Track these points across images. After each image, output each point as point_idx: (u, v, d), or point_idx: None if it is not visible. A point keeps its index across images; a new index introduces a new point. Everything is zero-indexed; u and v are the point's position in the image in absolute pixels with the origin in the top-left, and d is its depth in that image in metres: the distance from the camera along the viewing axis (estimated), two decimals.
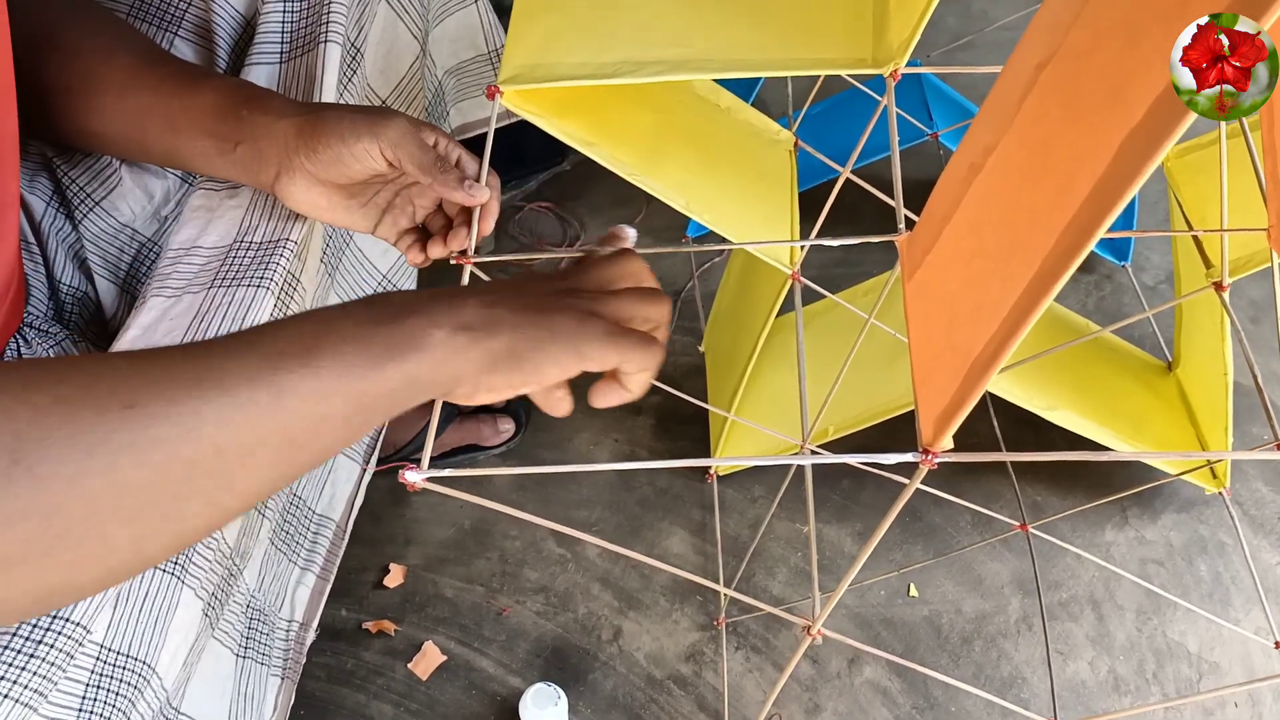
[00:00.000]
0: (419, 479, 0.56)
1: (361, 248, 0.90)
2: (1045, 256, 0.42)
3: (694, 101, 0.94)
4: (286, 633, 0.86)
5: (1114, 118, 0.39)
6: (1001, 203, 0.49)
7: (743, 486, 1.22)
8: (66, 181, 0.86)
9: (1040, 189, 0.45)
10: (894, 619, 1.12)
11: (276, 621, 0.84)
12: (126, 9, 0.86)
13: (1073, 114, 0.44)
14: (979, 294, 0.50)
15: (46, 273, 0.86)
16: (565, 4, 0.78)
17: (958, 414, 0.48)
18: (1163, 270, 1.41)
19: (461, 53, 1.02)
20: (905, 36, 0.67)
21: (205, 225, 0.78)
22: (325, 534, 0.91)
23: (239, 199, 0.79)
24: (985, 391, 0.49)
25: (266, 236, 0.76)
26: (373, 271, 0.92)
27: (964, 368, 0.48)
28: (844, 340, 1.11)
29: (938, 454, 0.50)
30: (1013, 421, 1.15)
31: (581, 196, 1.48)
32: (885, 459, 0.53)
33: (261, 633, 0.81)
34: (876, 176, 0.93)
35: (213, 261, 0.76)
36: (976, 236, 0.52)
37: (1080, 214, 0.40)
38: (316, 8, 0.82)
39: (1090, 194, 0.39)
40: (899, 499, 0.54)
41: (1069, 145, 0.43)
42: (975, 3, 1.76)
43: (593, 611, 1.13)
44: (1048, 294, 0.42)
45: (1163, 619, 1.12)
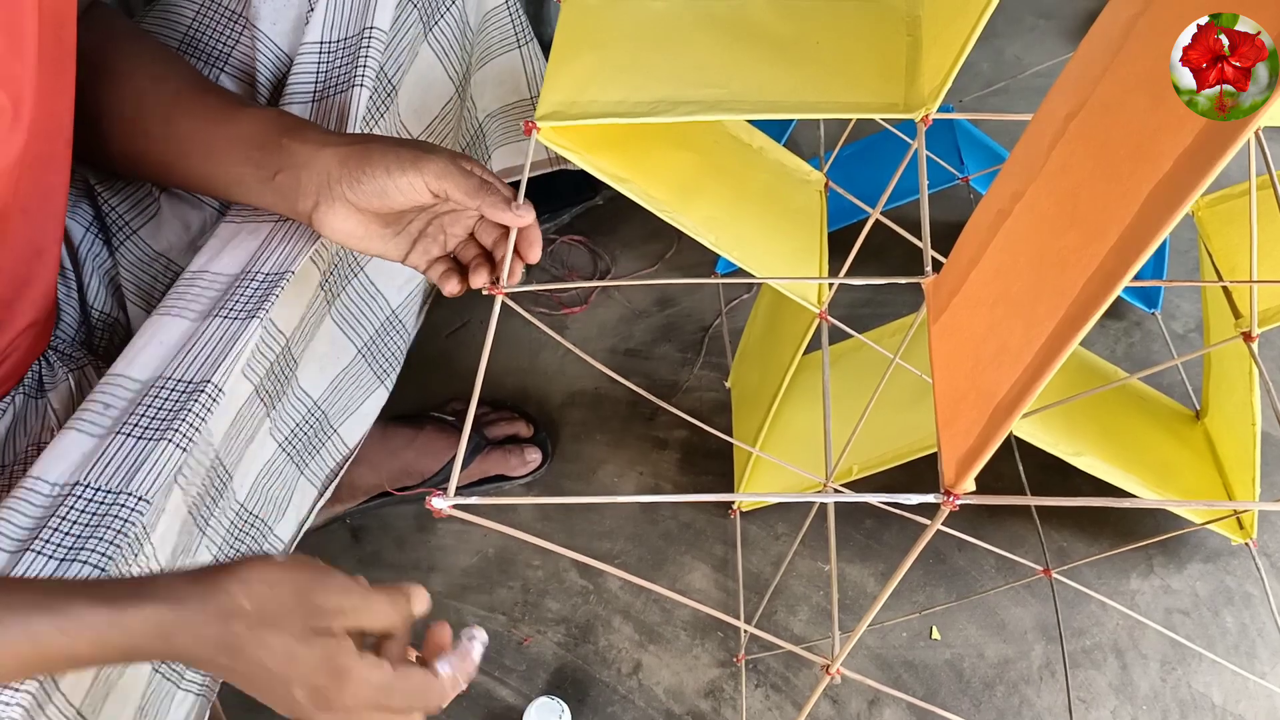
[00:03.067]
0: (445, 505, 0.57)
1: (373, 279, 0.91)
2: (1071, 303, 0.43)
3: (727, 141, 0.95)
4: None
5: (1141, 169, 0.40)
6: (1028, 249, 0.50)
7: (766, 523, 1.22)
8: (107, 209, 0.88)
9: (1067, 236, 0.46)
10: (915, 661, 1.12)
11: (269, 537, 0.86)
12: (176, 44, 0.88)
13: (1101, 164, 0.44)
14: (1004, 338, 0.50)
15: (80, 298, 0.87)
16: (603, 43, 0.80)
17: (980, 456, 0.49)
18: (1193, 318, 1.41)
19: (505, 97, 1.04)
20: (937, 83, 0.68)
21: (219, 251, 0.80)
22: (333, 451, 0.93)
23: (258, 232, 0.81)
24: (1010, 435, 0.49)
25: (274, 268, 0.78)
26: (382, 306, 0.93)
27: (988, 411, 0.49)
28: (870, 380, 1.11)
29: (960, 496, 0.50)
30: (1039, 466, 1.14)
31: (614, 231, 1.50)
32: (907, 499, 0.54)
33: (250, 538, 0.83)
34: (906, 218, 0.93)
35: (213, 289, 0.78)
36: (1003, 281, 0.52)
37: (1106, 262, 0.40)
38: (352, 51, 0.84)
39: (1116, 243, 0.40)
40: (920, 539, 0.54)
41: (1096, 195, 0.44)
42: (1009, 49, 1.77)
43: (613, 644, 1.13)
44: (1072, 340, 0.42)
45: (1187, 670, 1.11)
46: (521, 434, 1.26)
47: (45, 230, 0.77)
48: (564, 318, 1.42)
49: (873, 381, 1.02)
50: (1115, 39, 0.44)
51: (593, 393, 1.34)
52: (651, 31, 0.80)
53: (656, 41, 0.79)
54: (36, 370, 0.81)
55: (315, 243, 0.80)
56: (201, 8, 0.88)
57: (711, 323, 1.40)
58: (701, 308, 1.43)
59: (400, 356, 0.97)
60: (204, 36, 0.88)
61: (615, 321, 1.42)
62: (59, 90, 0.73)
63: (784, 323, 1.10)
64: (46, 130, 0.72)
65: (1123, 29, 0.43)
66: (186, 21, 0.88)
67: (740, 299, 1.42)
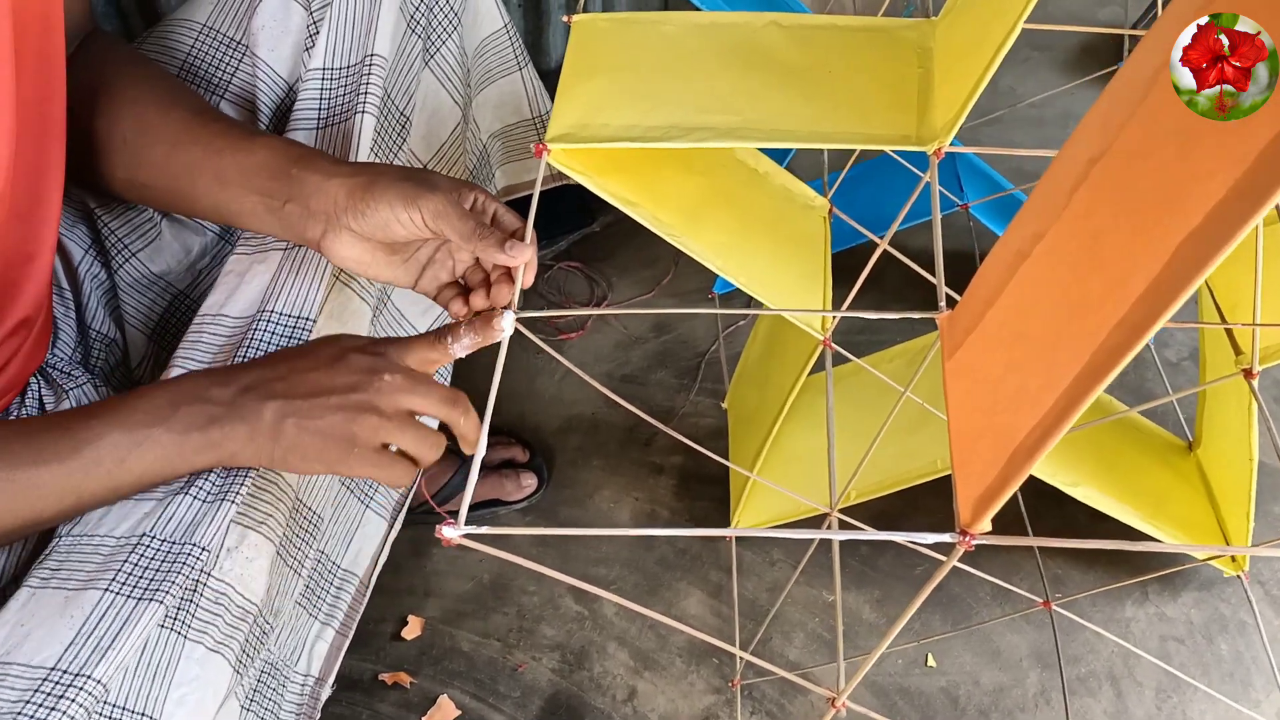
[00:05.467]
0: (456, 535, 0.57)
1: (400, 307, 0.92)
2: (1094, 351, 0.43)
3: (733, 165, 0.95)
4: (301, 687, 0.86)
5: (1170, 220, 0.40)
6: (1049, 291, 0.50)
7: (761, 549, 1.22)
8: (106, 232, 0.87)
9: (1089, 282, 0.46)
10: (911, 689, 1.12)
11: (291, 675, 0.84)
12: (175, 71, 0.88)
13: (1125, 211, 0.44)
14: (1022, 379, 0.50)
15: (78, 317, 0.87)
16: (614, 67, 0.80)
17: (998, 498, 0.49)
18: (1186, 347, 1.42)
19: (506, 117, 1.04)
20: (950, 117, 0.68)
21: (233, 291, 0.80)
22: (348, 590, 0.91)
23: (267, 264, 0.81)
24: None
25: (289, 309, 0.78)
26: (410, 330, 0.93)
27: (1006, 452, 0.49)
28: (868, 404, 1.11)
29: (976, 536, 0.50)
30: (1033, 493, 1.14)
31: (610, 257, 1.50)
32: (923, 538, 0.54)
33: (270, 686, 0.81)
34: (906, 244, 0.94)
35: (236, 333, 0.77)
36: (1021, 321, 0.53)
37: (1133, 312, 0.40)
38: (355, 80, 0.84)
39: (1144, 293, 0.40)
40: (932, 578, 0.54)
41: (1120, 242, 0.44)
42: (1003, 79, 1.79)
43: (608, 670, 1.13)
44: (1097, 387, 0.42)
45: (1183, 697, 1.11)
46: (518, 459, 1.25)
47: (39, 236, 0.75)
48: (561, 343, 1.42)
49: (872, 405, 1.02)
50: (1141, 87, 0.44)
51: (589, 418, 1.34)
52: (663, 56, 0.80)
53: (668, 66, 0.79)
54: (36, 390, 0.80)
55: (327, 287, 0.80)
56: (200, 35, 0.88)
57: (708, 349, 1.41)
58: (697, 334, 1.43)
59: None
60: (203, 63, 0.88)
61: (611, 348, 1.42)
62: (48, 95, 0.72)
63: (785, 346, 1.10)
64: (35, 134, 0.72)
65: (1149, 77, 0.44)
66: (185, 48, 0.88)
67: (737, 325, 1.42)
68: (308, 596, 0.86)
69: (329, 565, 0.88)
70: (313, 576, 0.85)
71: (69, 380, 0.82)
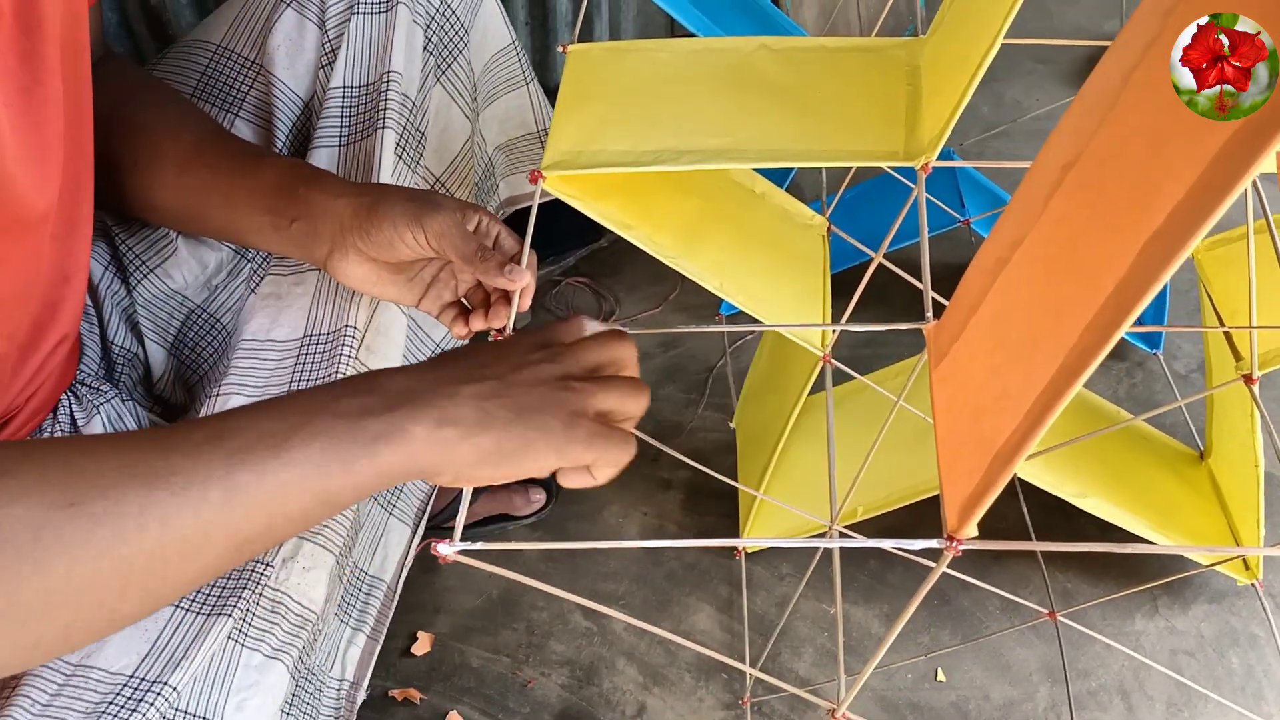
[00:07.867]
0: (450, 551, 0.57)
1: (419, 320, 0.93)
2: (1068, 352, 0.43)
3: (730, 187, 0.96)
4: (338, 691, 0.87)
5: (1137, 221, 0.40)
6: (1026, 296, 0.51)
7: (770, 564, 1.23)
8: (124, 250, 0.89)
9: (1064, 286, 0.46)
10: (921, 703, 1.12)
11: (327, 680, 0.85)
12: (191, 89, 0.90)
13: (1097, 215, 0.45)
14: (1003, 384, 0.51)
15: (100, 334, 0.89)
16: (609, 94, 0.81)
17: (982, 502, 0.49)
18: (1194, 359, 1.42)
19: (511, 131, 1.06)
20: (935, 133, 0.69)
21: (276, 316, 0.82)
22: (377, 595, 0.92)
23: (305, 286, 0.83)
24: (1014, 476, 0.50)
25: (331, 326, 0.80)
26: (429, 340, 0.96)
27: (989, 457, 0.49)
28: (874, 421, 1.11)
29: (962, 541, 0.51)
30: (1042, 507, 1.15)
31: (618, 273, 1.51)
32: (910, 545, 0.54)
33: (308, 691, 0.82)
34: (908, 261, 0.94)
35: (286, 359, 0.79)
36: (1002, 328, 0.53)
37: (1102, 313, 0.41)
38: (374, 97, 0.85)
39: (1112, 294, 0.41)
40: (923, 584, 0.54)
41: (1093, 245, 0.45)
42: (1008, 92, 1.79)
43: (617, 686, 1.13)
44: (1070, 388, 0.43)
45: (1194, 711, 1.10)
46: None
47: (75, 256, 0.78)
48: None
49: (876, 423, 1.02)
50: (1112, 91, 0.45)
51: None
52: (656, 82, 0.82)
53: (661, 92, 0.81)
54: (68, 407, 0.82)
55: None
56: (215, 55, 0.90)
57: (715, 364, 1.41)
58: (705, 349, 1.43)
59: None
60: (218, 82, 0.90)
61: None
62: (80, 119, 0.75)
63: (788, 365, 1.11)
64: (73, 157, 0.74)
65: (1119, 81, 0.44)
66: (201, 67, 0.90)
67: (744, 340, 1.43)
68: (340, 603, 0.87)
69: (358, 572, 0.89)
70: (344, 584, 0.87)
71: (97, 396, 0.83)
